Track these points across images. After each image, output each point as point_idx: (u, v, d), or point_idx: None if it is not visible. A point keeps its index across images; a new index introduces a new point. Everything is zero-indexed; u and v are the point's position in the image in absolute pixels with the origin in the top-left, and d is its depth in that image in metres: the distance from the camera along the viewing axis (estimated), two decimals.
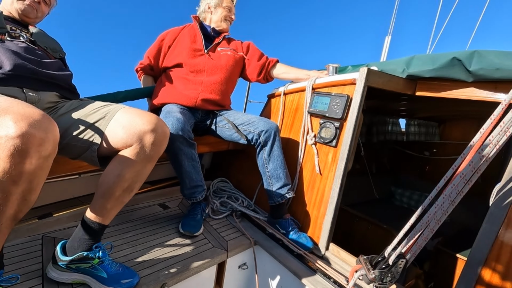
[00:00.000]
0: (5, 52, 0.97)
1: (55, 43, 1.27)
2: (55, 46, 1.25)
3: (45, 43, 1.20)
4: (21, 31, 1.14)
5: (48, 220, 1.24)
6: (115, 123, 0.96)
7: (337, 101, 1.35)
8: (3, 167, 0.66)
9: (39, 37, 1.19)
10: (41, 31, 1.24)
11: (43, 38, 1.21)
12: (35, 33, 1.18)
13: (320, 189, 1.41)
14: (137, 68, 1.83)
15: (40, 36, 1.20)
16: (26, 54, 1.03)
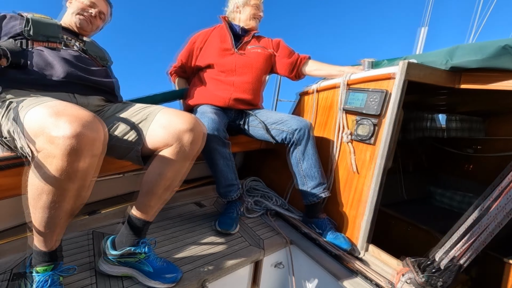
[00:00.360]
0: (59, 60, 1.05)
1: (103, 52, 1.35)
2: (103, 55, 1.33)
3: (95, 53, 1.28)
4: (75, 40, 1.23)
5: (97, 216, 1.33)
6: (156, 124, 1.00)
7: (374, 97, 1.30)
8: (61, 165, 0.71)
9: (90, 46, 1.27)
10: (93, 41, 1.33)
11: (94, 48, 1.29)
12: (87, 43, 1.27)
13: (357, 188, 1.36)
14: (170, 71, 1.90)
15: (91, 45, 1.29)
16: (77, 62, 1.11)
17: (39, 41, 1.08)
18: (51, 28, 1.13)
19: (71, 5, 1.27)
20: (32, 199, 0.77)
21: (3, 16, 1.10)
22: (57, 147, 0.69)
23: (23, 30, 1.06)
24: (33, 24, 1.07)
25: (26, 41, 1.06)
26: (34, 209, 0.78)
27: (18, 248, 1.08)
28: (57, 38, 1.13)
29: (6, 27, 1.07)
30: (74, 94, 1.06)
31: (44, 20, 1.13)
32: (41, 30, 1.09)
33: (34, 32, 1.07)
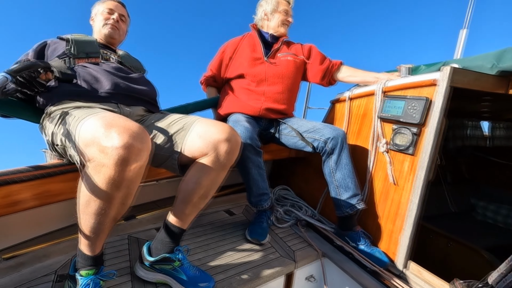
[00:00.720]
0: (103, 73, 1.12)
1: (137, 62, 1.43)
2: (137, 65, 1.41)
3: (130, 63, 1.36)
4: (110, 53, 1.32)
5: (133, 222, 1.37)
6: (193, 134, 1.02)
7: (414, 104, 1.24)
8: (109, 174, 0.74)
9: (125, 58, 1.36)
10: (127, 53, 1.41)
11: (128, 59, 1.37)
12: (122, 55, 1.36)
13: (395, 200, 1.29)
14: (201, 80, 1.95)
15: (125, 57, 1.37)
16: (119, 73, 1.18)
17: (81, 58, 1.17)
18: (90, 45, 1.22)
19: (95, 21, 1.38)
20: (81, 205, 0.81)
21: (44, 44, 1.21)
22: (108, 157, 0.72)
23: (65, 50, 1.16)
24: (74, 44, 1.17)
25: (69, 59, 1.15)
26: (83, 215, 0.82)
27: (63, 250, 1.15)
28: (96, 53, 1.22)
29: (49, 51, 1.19)
30: (119, 104, 1.12)
31: (82, 38, 1.23)
32: (81, 48, 1.19)
33: (76, 51, 1.17)
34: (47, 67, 0.98)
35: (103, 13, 1.35)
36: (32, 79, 0.95)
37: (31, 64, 0.91)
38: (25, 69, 0.89)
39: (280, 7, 1.73)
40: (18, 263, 1.05)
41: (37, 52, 1.18)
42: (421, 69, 1.73)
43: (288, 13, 1.75)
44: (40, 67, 0.94)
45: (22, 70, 0.88)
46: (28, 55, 1.17)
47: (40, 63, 0.94)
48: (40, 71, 0.96)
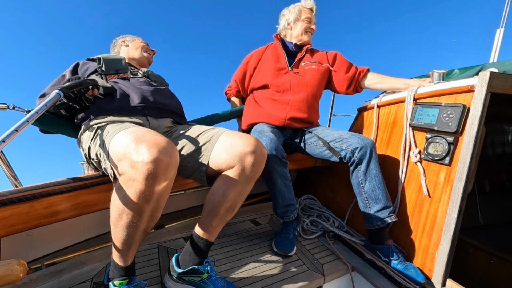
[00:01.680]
0: (133, 88, 1.18)
1: (160, 77, 1.50)
2: (161, 80, 1.47)
3: (154, 78, 1.43)
4: (137, 69, 1.41)
5: (162, 231, 1.41)
6: (219, 146, 1.04)
7: (449, 112, 1.17)
8: (140, 188, 0.77)
9: (149, 73, 1.43)
10: (149, 69, 1.49)
11: (153, 74, 1.45)
12: (147, 71, 1.44)
13: (430, 213, 1.22)
14: (226, 91, 1.98)
15: (149, 72, 1.45)
16: (147, 87, 1.24)
17: (111, 74, 1.25)
18: (119, 62, 1.30)
19: (131, 46, 1.52)
20: (113, 218, 0.84)
21: (77, 64, 1.32)
22: (138, 171, 0.75)
23: (97, 68, 1.25)
24: (104, 62, 1.25)
25: (100, 76, 1.23)
26: (115, 227, 0.85)
27: (98, 258, 1.20)
28: (125, 69, 1.30)
29: (81, 71, 1.28)
30: (147, 117, 1.16)
31: (111, 56, 1.32)
32: (111, 65, 1.27)
33: (106, 68, 1.25)
34: (95, 84, 1.03)
35: (142, 43, 1.55)
36: (81, 94, 1.01)
37: (81, 82, 0.97)
38: (75, 86, 0.95)
39: (303, 15, 1.71)
40: (57, 270, 1.11)
41: (72, 72, 1.28)
42: (454, 74, 1.64)
43: (311, 21, 1.73)
44: (89, 84, 1.00)
45: (74, 87, 0.94)
46: (65, 77, 1.26)
47: (89, 81, 1.00)
48: (88, 87, 1.02)
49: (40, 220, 0.97)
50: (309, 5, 1.73)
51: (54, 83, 1.25)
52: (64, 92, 0.91)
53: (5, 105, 1.00)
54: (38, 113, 0.75)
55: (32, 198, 0.93)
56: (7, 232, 0.91)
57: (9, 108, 1.01)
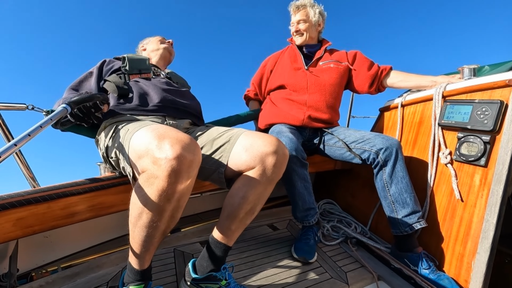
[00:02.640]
0: (154, 87, 1.17)
1: (183, 79, 1.50)
2: (183, 82, 1.47)
3: (177, 79, 1.43)
4: (160, 70, 1.40)
5: (178, 235, 1.38)
6: (239, 146, 0.99)
7: (484, 109, 1.09)
8: (162, 186, 0.73)
9: (172, 74, 1.43)
10: (172, 71, 1.49)
11: (175, 76, 1.45)
12: (169, 72, 1.44)
13: (465, 219, 1.13)
14: (245, 95, 1.97)
15: (172, 74, 1.45)
16: (168, 87, 1.23)
17: (134, 74, 1.26)
18: (142, 62, 1.31)
19: (148, 47, 1.52)
20: (133, 218, 0.81)
21: (103, 61, 1.33)
22: (160, 168, 0.71)
23: (121, 66, 1.27)
24: (128, 61, 1.27)
25: (124, 75, 1.24)
26: (134, 227, 0.81)
27: (113, 261, 1.17)
28: (147, 70, 1.30)
29: (106, 68, 1.29)
30: (166, 117, 1.14)
31: (136, 56, 1.33)
32: (134, 64, 1.28)
33: (129, 67, 1.26)
34: (105, 99, 1.01)
35: (157, 39, 1.54)
36: (90, 113, 0.98)
37: (90, 96, 0.94)
38: (84, 101, 0.92)
39: (291, 19, 1.70)
40: (73, 273, 1.09)
41: (98, 69, 1.28)
42: (485, 70, 1.55)
43: (294, 24, 1.67)
44: (98, 99, 0.97)
45: (82, 102, 0.92)
46: (93, 73, 1.26)
47: (99, 95, 0.97)
48: (98, 105, 0.99)
49: (57, 221, 0.95)
50: (290, 6, 1.68)
51: (81, 79, 1.26)
52: (71, 107, 0.88)
53: (24, 105, 1.00)
54: (42, 127, 0.73)
55: (49, 199, 0.92)
56: (24, 233, 0.90)
57: (28, 109, 1.01)
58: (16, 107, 1.00)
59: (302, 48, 1.71)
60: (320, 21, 1.67)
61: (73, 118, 0.95)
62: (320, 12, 1.66)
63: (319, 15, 1.65)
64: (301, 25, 1.65)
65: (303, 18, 1.64)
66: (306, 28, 1.64)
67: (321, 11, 1.67)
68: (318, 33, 1.73)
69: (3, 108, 0.99)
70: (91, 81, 1.24)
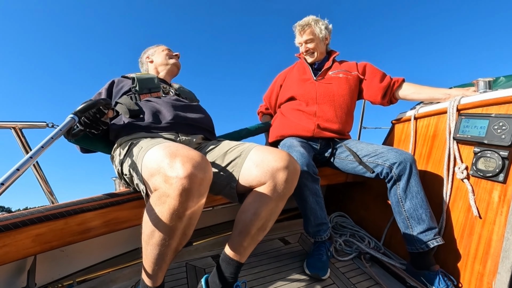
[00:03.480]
0: (165, 105, 1.19)
1: (191, 93, 1.51)
2: (191, 96, 1.48)
3: (185, 94, 1.44)
4: (169, 87, 1.42)
5: (190, 249, 1.38)
6: (250, 162, 1.00)
7: (501, 123, 1.06)
8: (173, 205, 0.74)
9: (180, 90, 1.45)
10: (181, 86, 1.51)
11: (183, 91, 1.47)
12: (177, 88, 1.46)
13: (484, 236, 1.09)
14: (258, 110, 2.01)
15: (181, 89, 1.46)
16: (178, 104, 1.25)
17: (144, 93, 1.28)
18: (152, 81, 1.33)
19: (155, 59, 1.52)
20: (145, 236, 0.82)
21: (112, 81, 1.36)
22: (171, 187, 0.73)
23: (131, 87, 1.29)
24: (138, 81, 1.29)
25: (135, 95, 1.26)
26: (147, 245, 0.83)
27: (127, 276, 1.19)
28: (157, 88, 1.33)
29: (116, 89, 1.32)
30: (179, 133, 1.16)
31: (145, 76, 1.34)
32: (144, 84, 1.30)
33: (139, 87, 1.28)
34: (108, 103, 1.01)
35: (164, 51, 1.53)
36: (96, 119, 1.01)
37: (94, 102, 0.96)
38: (88, 108, 0.94)
39: (297, 40, 1.71)
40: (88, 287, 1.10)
41: (107, 90, 1.32)
42: (500, 82, 1.52)
43: (303, 45, 1.67)
44: (101, 104, 0.99)
45: (87, 109, 0.94)
46: (101, 94, 1.31)
47: (101, 100, 0.98)
48: (102, 110, 1.01)
49: (74, 237, 0.98)
50: (295, 28, 1.68)
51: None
52: (78, 116, 0.91)
53: (44, 123, 1.04)
54: (53, 138, 0.76)
55: (67, 215, 0.94)
56: (43, 248, 0.92)
57: (48, 127, 1.05)
58: (37, 125, 1.04)
59: (313, 64, 1.72)
60: (327, 35, 1.67)
61: (82, 126, 0.99)
62: (325, 26, 1.66)
63: (325, 30, 1.65)
64: (310, 44, 1.65)
65: (310, 37, 1.63)
66: (315, 46, 1.64)
67: (326, 25, 1.66)
68: (326, 46, 1.74)
69: (25, 127, 1.03)
70: None
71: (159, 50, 1.55)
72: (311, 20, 1.63)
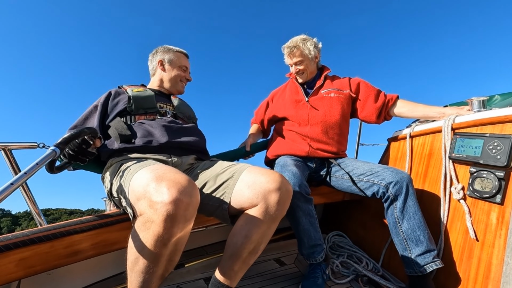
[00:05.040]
0: (159, 129, 1.17)
1: (190, 110, 1.47)
2: (190, 114, 1.44)
3: (183, 113, 1.40)
4: (167, 106, 1.36)
5: (181, 271, 1.34)
6: (241, 183, 0.99)
7: (496, 143, 1.05)
8: (158, 231, 0.72)
9: (180, 108, 1.39)
10: (181, 102, 1.45)
11: (182, 109, 1.41)
12: (177, 106, 1.39)
13: (483, 260, 1.06)
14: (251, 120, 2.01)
15: (180, 107, 1.41)
16: (173, 127, 1.21)
17: (140, 115, 1.24)
18: (148, 102, 1.27)
19: (167, 71, 1.43)
20: (130, 263, 0.80)
21: (109, 94, 1.30)
22: (156, 213, 0.71)
23: (127, 107, 1.23)
24: (134, 101, 1.24)
25: (130, 117, 1.22)
26: (131, 272, 0.80)
27: None
28: (153, 109, 1.27)
29: (112, 103, 1.26)
30: (171, 155, 1.15)
31: (141, 94, 1.27)
32: (140, 104, 1.25)
33: (135, 108, 1.23)
34: (94, 133, 0.94)
35: (180, 69, 1.43)
36: (82, 150, 0.94)
37: (77, 132, 0.88)
38: (71, 138, 0.87)
39: (287, 61, 1.68)
40: None
41: (103, 104, 1.25)
42: (496, 100, 1.51)
43: (293, 66, 1.65)
44: (86, 134, 0.91)
45: (69, 140, 0.87)
46: (97, 108, 1.23)
47: (86, 130, 0.90)
48: (88, 140, 0.93)
49: (60, 260, 0.95)
50: (283, 50, 1.66)
51: (86, 115, 1.23)
52: (61, 148, 0.84)
53: (35, 144, 1.04)
54: (27, 174, 0.67)
55: (53, 238, 0.92)
56: (27, 273, 0.89)
57: (39, 147, 1.04)
58: (27, 145, 1.03)
59: (303, 84, 1.71)
60: (316, 54, 1.63)
61: (66, 159, 0.93)
62: (314, 45, 1.62)
63: (314, 49, 1.61)
64: (300, 66, 1.62)
65: (299, 59, 1.61)
66: (305, 67, 1.62)
67: (315, 43, 1.63)
68: (317, 64, 1.71)
69: (15, 148, 1.02)
70: (93, 119, 1.21)
71: (175, 63, 1.43)
72: (299, 41, 1.60)
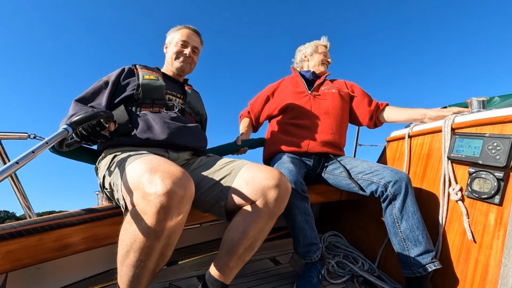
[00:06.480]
0: (160, 123, 1.11)
1: (200, 106, 1.40)
2: (199, 110, 1.38)
3: (192, 108, 1.33)
4: (175, 99, 1.27)
5: (174, 268, 1.32)
6: (240, 179, 0.97)
7: (496, 144, 1.04)
8: (150, 223, 0.70)
9: (190, 102, 1.32)
10: (194, 94, 1.38)
11: (192, 103, 1.33)
12: (188, 98, 1.31)
13: (480, 261, 1.04)
14: (240, 113, 1.94)
15: (191, 101, 1.33)
16: (175, 123, 1.15)
17: (147, 104, 1.17)
18: (157, 92, 1.19)
19: (168, 50, 1.35)
20: (120, 256, 0.77)
21: (122, 70, 1.21)
22: (149, 204, 0.69)
23: (134, 94, 1.15)
24: (142, 89, 1.16)
25: (136, 106, 1.16)
26: (121, 266, 0.78)
27: None
28: (161, 101, 1.20)
29: (122, 83, 1.18)
30: (168, 150, 1.12)
31: (151, 83, 1.19)
32: (148, 94, 1.17)
33: (143, 97, 1.16)
34: (110, 117, 0.91)
35: (177, 45, 1.31)
36: (96, 132, 0.90)
37: (93, 114, 0.84)
38: (86, 120, 0.83)
39: (319, 49, 1.79)
40: None
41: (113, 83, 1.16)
42: (495, 101, 1.50)
43: (327, 54, 1.80)
44: (102, 117, 0.87)
45: (84, 121, 0.83)
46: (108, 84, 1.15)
47: (102, 113, 0.87)
48: (103, 123, 0.90)
49: (48, 254, 0.92)
50: (324, 42, 1.84)
51: (95, 89, 1.15)
52: (73, 127, 0.80)
53: (26, 134, 1.01)
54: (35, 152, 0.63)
55: (42, 231, 0.89)
56: (13, 266, 0.87)
57: (30, 138, 1.01)
58: (17, 136, 1.00)
59: (304, 76, 1.76)
60: None
61: (78, 138, 0.89)
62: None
63: None
64: (330, 59, 1.82)
65: (329, 54, 1.83)
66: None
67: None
68: None
69: (4, 138, 0.99)
70: (102, 97, 1.13)
71: (175, 39, 1.33)
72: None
